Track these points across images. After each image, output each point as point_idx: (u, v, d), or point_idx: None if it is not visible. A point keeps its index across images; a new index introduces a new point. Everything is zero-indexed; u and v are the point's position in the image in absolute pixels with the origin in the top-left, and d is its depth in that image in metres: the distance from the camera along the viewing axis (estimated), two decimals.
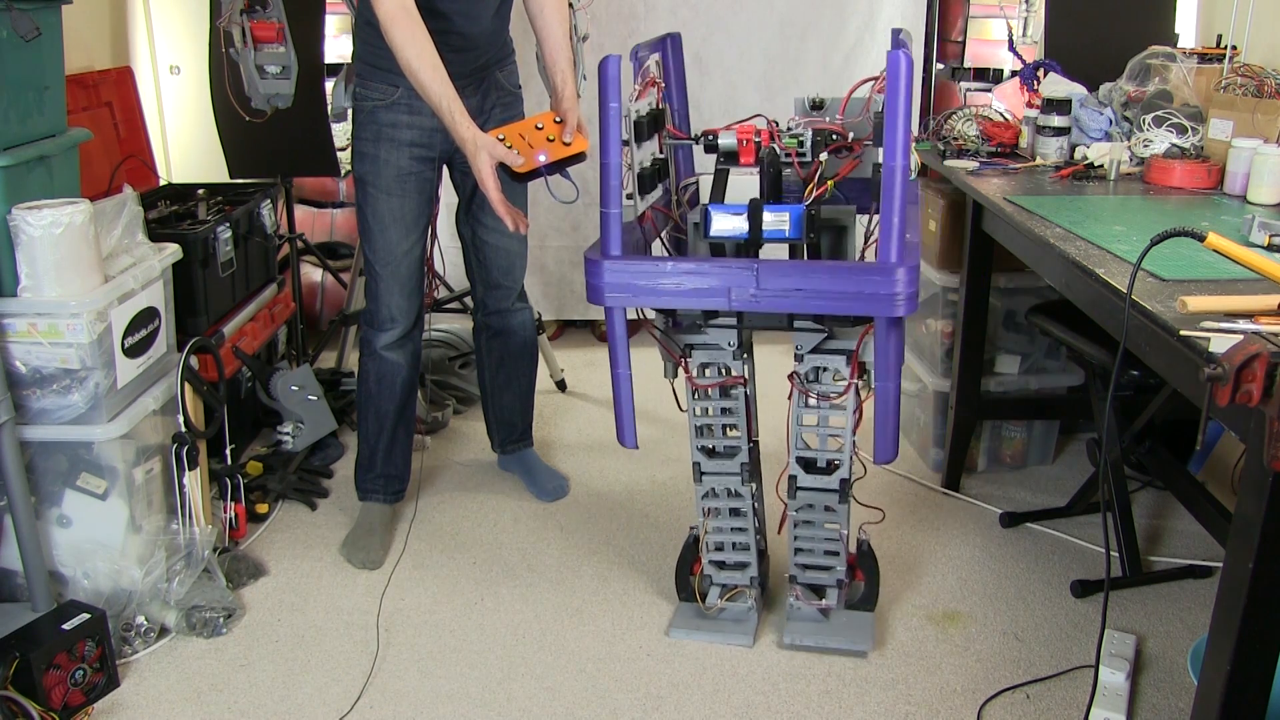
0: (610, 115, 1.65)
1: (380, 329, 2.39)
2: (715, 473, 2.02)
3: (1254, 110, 2.15)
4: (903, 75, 1.52)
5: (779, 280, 1.63)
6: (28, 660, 1.81)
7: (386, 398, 2.45)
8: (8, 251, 1.93)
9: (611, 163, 1.67)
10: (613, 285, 1.69)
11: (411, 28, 1.96)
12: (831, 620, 2.11)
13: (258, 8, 2.73)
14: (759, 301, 1.64)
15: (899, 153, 1.55)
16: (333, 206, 4.02)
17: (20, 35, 1.91)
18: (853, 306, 1.63)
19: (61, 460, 2.07)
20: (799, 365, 1.89)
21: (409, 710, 1.93)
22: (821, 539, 2.02)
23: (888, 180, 1.56)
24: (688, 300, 1.68)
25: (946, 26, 3.57)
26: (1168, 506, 2.64)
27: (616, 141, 1.67)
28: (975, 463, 2.87)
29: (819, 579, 2.09)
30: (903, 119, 1.54)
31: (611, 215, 1.68)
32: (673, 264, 1.66)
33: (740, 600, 2.15)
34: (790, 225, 1.71)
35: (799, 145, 1.85)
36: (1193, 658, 1.92)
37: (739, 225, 1.73)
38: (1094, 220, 1.91)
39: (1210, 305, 1.37)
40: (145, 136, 3.18)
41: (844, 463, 1.94)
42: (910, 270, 1.58)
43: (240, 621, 2.19)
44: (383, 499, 2.54)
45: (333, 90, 2.84)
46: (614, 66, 1.65)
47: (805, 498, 1.97)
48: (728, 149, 1.89)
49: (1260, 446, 1.19)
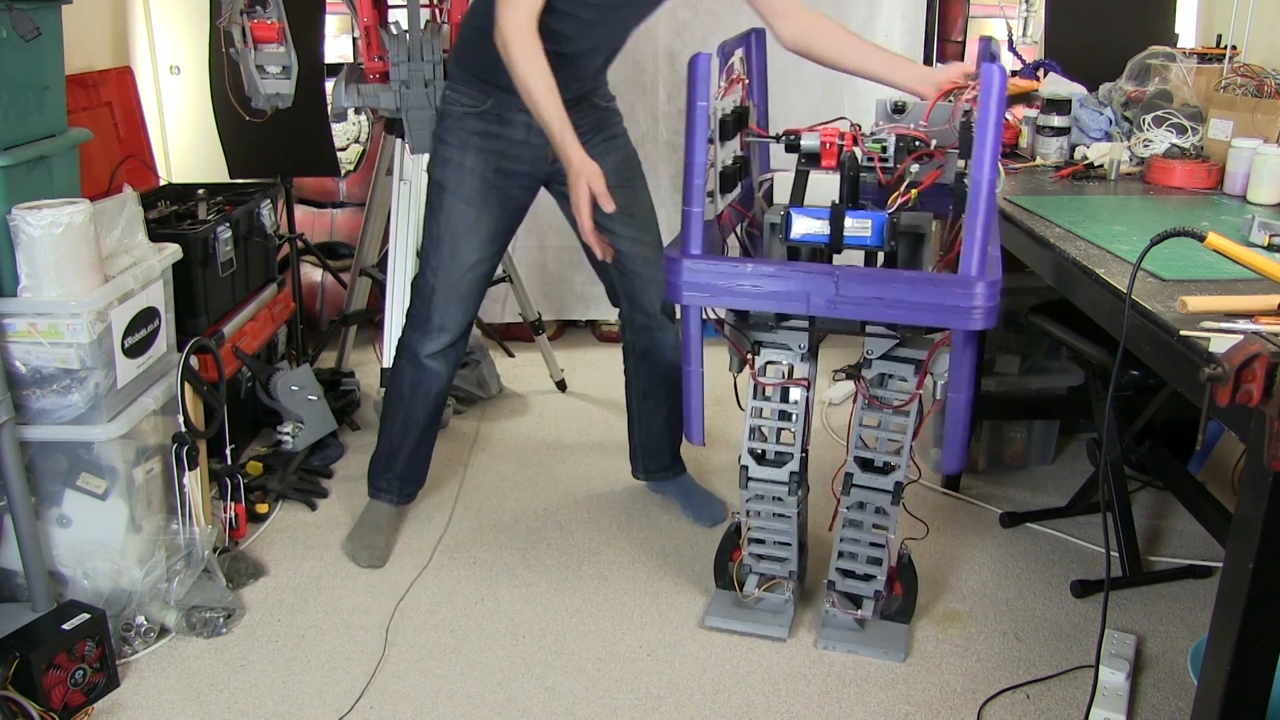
0: (698, 114, 1.63)
1: (427, 336, 2.31)
2: (763, 479, 2.00)
3: (1254, 110, 2.15)
4: (995, 89, 1.49)
5: (859, 288, 1.60)
6: (28, 660, 1.81)
7: (419, 405, 2.39)
8: (8, 251, 1.93)
9: (696, 161, 1.64)
10: (691, 284, 1.67)
11: (533, 46, 1.92)
12: (867, 630, 2.11)
13: (258, 8, 2.73)
14: (837, 308, 1.62)
15: (986, 166, 1.51)
16: (333, 206, 4.02)
17: (20, 35, 1.91)
18: (931, 318, 1.61)
19: (61, 460, 2.07)
20: (866, 370, 1.90)
21: (409, 710, 1.93)
22: (867, 543, 2.02)
23: (974, 193, 1.53)
24: (765, 303, 1.66)
25: (946, 26, 3.57)
26: (1168, 506, 2.64)
27: (703, 140, 1.64)
28: (975, 463, 2.86)
29: (858, 589, 2.08)
30: (993, 132, 1.51)
31: (694, 214, 1.66)
32: (753, 266, 1.65)
33: (778, 592, 2.15)
34: (872, 232, 1.70)
35: (882, 150, 1.84)
36: (1193, 658, 1.92)
37: (820, 229, 1.71)
38: (1094, 220, 1.91)
39: (1210, 305, 1.37)
40: (145, 136, 3.18)
41: (901, 466, 1.94)
42: (991, 285, 1.55)
43: (240, 621, 2.19)
44: (394, 500, 2.51)
45: (333, 90, 2.84)
46: (705, 64, 1.62)
47: (858, 495, 1.97)
48: (809, 150, 1.87)
49: (1260, 446, 1.19)
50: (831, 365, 3.48)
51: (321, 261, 3.63)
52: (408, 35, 2.70)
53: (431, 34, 2.72)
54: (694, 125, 1.64)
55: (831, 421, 3.20)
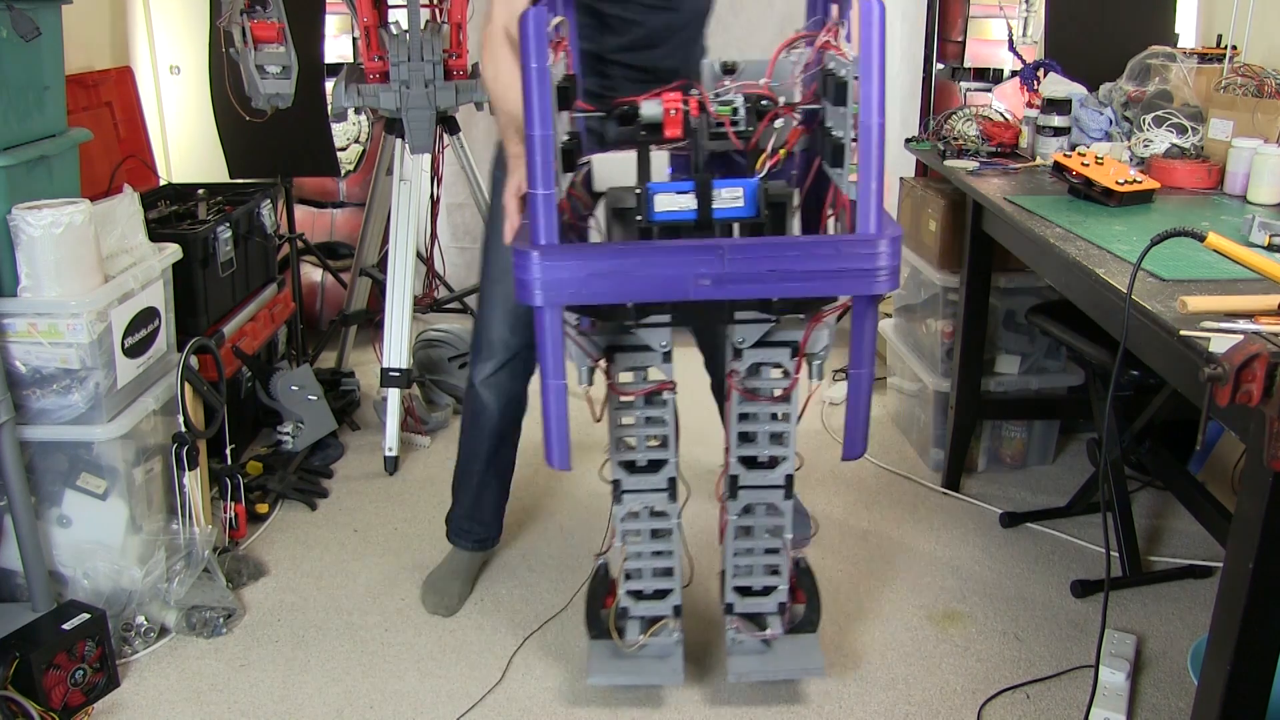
0: (534, 77, 1.39)
1: (478, 358, 2.16)
2: (639, 489, 1.79)
3: (1254, 110, 2.15)
4: (876, 24, 1.35)
5: (750, 262, 1.41)
6: (28, 660, 1.81)
7: (476, 439, 2.24)
8: (8, 251, 1.93)
9: (538, 135, 1.40)
10: (549, 281, 1.42)
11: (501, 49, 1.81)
12: (775, 648, 1.91)
13: (258, 8, 2.73)
14: (726, 288, 1.42)
15: (875, 110, 1.37)
16: (333, 206, 4.02)
17: (20, 35, 1.91)
18: (831, 286, 1.45)
19: (61, 460, 2.07)
20: (737, 362, 1.71)
21: (409, 710, 1.93)
22: (762, 551, 1.85)
23: (864, 140, 1.39)
24: (644, 292, 1.44)
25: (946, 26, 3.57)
26: (1168, 506, 2.64)
27: (546, 109, 1.40)
28: (975, 463, 2.87)
29: (759, 605, 1.90)
30: (878, 71, 1.36)
31: (541, 198, 1.42)
32: (623, 249, 1.44)
33: (664, 634, 1.89)
34: (745, 201, 1.53)
35: (733, 113, 1.62)
36: (1193, 658, 1.92)
37: (687, 204, 1.53)
38: (1094, 220, 1.91)
39: (1210, 305, 1.37)
40: (145, 136, 3.18)
41: (788, 458, 1.77)
42: (894, 242, 1.42)
43: (240, 621, 2.19)
44: (465, 545, 2.33)
45: (333, 90, 2.84)
46: (538, 19, 1.38)
47: (746, 498, 1.80)
48: (651, 120, 1.62)
49: (1260, 446, 1.19)
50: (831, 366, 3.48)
51: (321, 261, 3.63)
52: (408, 35, 2.70)
53: (431, 34, 2.72)
54: (531, 91, 1.40)
55: (831, 422, 3.20)
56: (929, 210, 2.81)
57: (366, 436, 3.07)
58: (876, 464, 2.91)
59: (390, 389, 2.84)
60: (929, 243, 2.82)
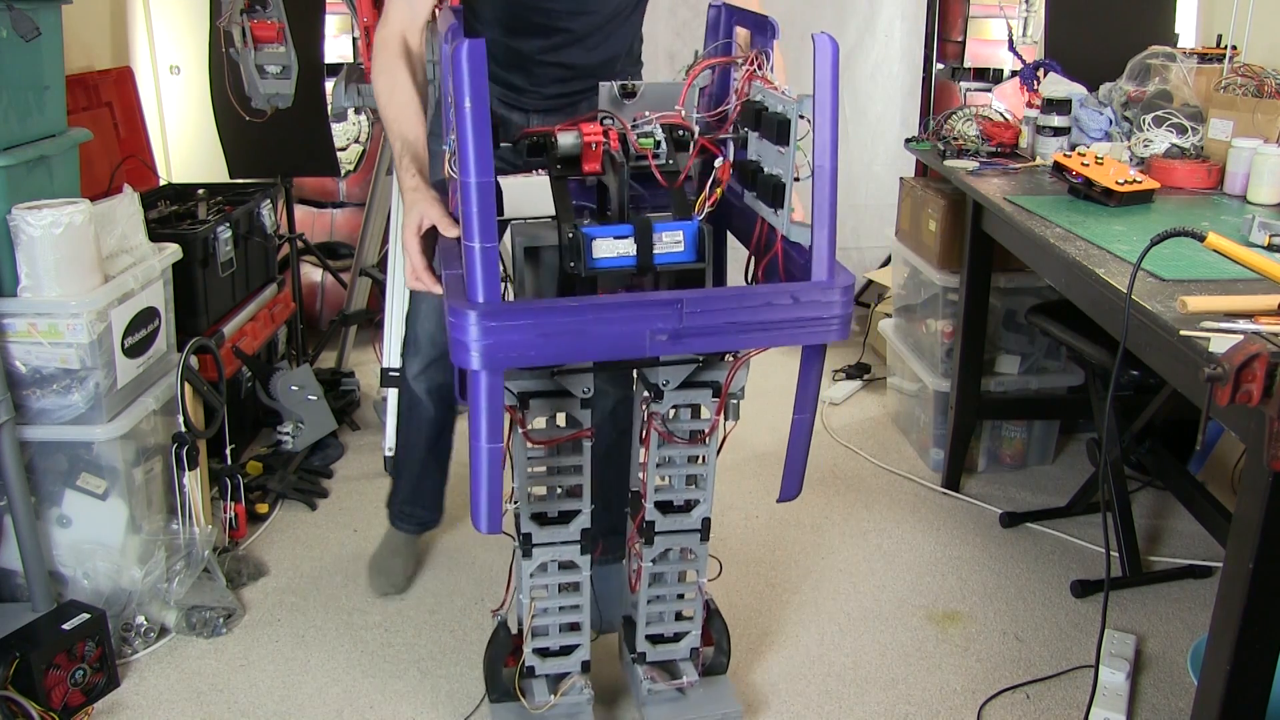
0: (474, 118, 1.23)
1: (408, 356, 2.19)
2: (550, 542, 1.67)
3: (1254, 110, 2.15)
4: (829, 60, 1.29)
5: (709, 316, 1.31)
6: (28, 660, 1.81)
7: (415, 429, 2.27)
8: (8, 251, 1.93)
9: (477, 182, 1.24)
10: (494, 344, 1.26)
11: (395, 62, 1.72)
12: (690, 695, 1.84)
13: (258, 8, 2.73)
14: (683, 343, 1.32)
15: (829, 152, 1.31)
16: (333, 206, 4.02)
17: (20, 35, 1.91)
18: (788, 337, 1.37)
19: (61, 460, 2.07)
20: (657, 404, 1.61)
21: (409, 710, 1.93)
22: (674, 596, 1.80)
23: (819, 185, 1.33)
24: (597, 351, 1.32)
25: (946, 26, 3.57)
26: (1168, 506, 2.64)
27: (486, 154, 1.24)
28: (975, 463, 2.87)
29: (671, 653, 1.82)
30: (830, 111, 1.30)
31: (481, 251, 1.26)
32: (575, 307, 1.29)
33: (573, 691, 1.79)
34: (685, 245, 1.43)
35: (656, 145, 1.51)
36: (1193, 658, 1.92)
37: (626, 249, 1.42)
38: (1094, 220, 1.91)
39: (1210, 305, 1.37)
40: (145, 136, 3.18)
41: (704, 500, 1.70)
42: (846, 290, 1.36)
43: (240, 621, 2.19)
44: (407, 529, 2.39)
45: (333, 90, 2.84)
46: (476, 52, 1.21)
47: (663, 543, 1.72)
48: (568, 153, 1.49)
49: (1260, 446, 1.19)
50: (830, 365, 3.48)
51: (321, 261, 3.63)
52: None
53: (431, 34, 2.72)
54: (466, 133, 1.23)
55: (831, 422, 3.20)
56: (929, 210, 2.81)
57: (366, 436, 3.07)
58: (876, 464, 2.91)
59: (390, 389, 2.83)
60: (929, 243, 2.82)
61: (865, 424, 3.20)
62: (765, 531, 2.55)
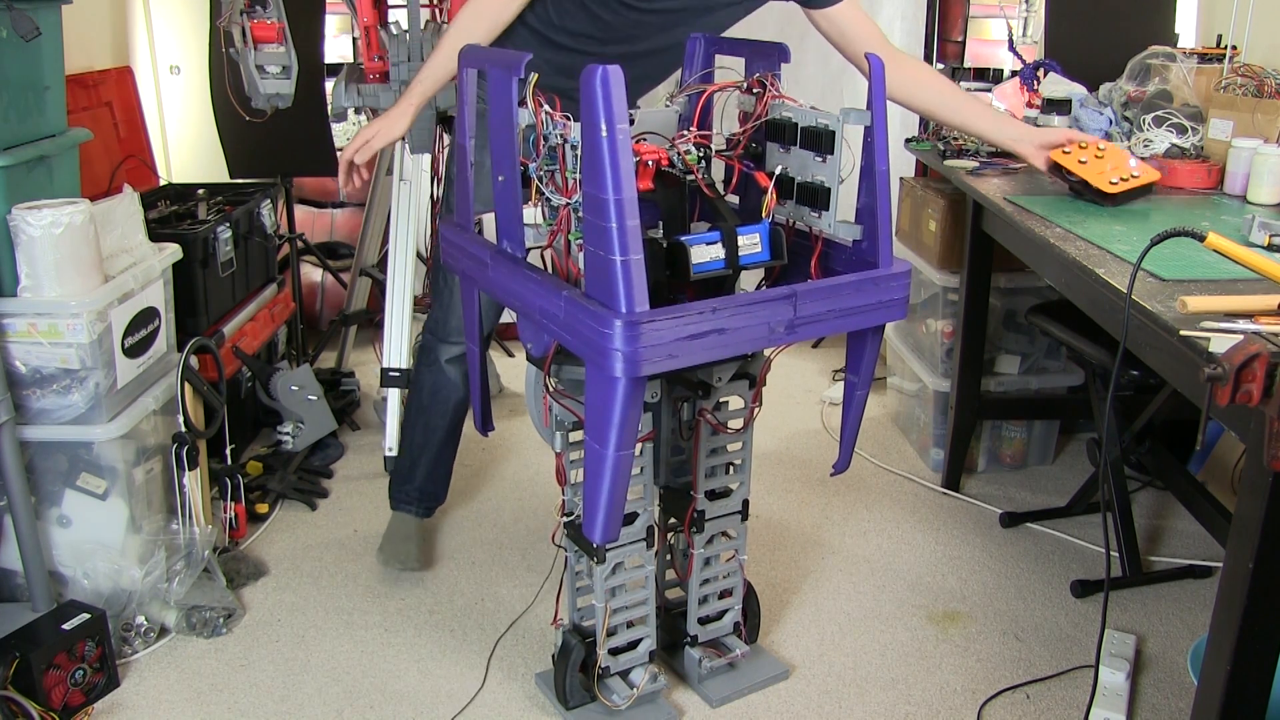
0: (618, 139, 1.33)
1: (445, 340, 2.25)
2: (620, 544, 1.80)
3: (1254, 110, 2.15)
4: (881, 77, 1.52)
5: (815, 305, 1.49)
6: (28, 660, 1.81)
7: (439, 414, 2.31)
8: (8, 251, 1.93)
9: (628, 197, 1.34)
10: (650, 348, 1.35)
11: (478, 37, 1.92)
12: (739, 665, 1.99)
13: (258, 8, 2.73)
14: (794, 332, 1.49)
15: (885, 156, 1.53)
16: (333, 206, 4.02)
17: (20, 35, 1.91)
18: (870, 318, 1.57)
19: (61, 460, 2.07)
20: (705, 400, 1.78)
21: (409, 710, 1.93)
22: (720, 576, 1.94)
23: (881, 186, 1.54)
24: (730, 347, 1.45)
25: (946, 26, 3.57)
26: (1168, 506, 2.64)
27: (629, 170, 1.34)
28: (975, 463, 2.87)
29: (717, 630, 1.97)
30: (880, 121, 1.52)
31: (633, 263, 1.35)
32: (715, 307, 1.41)
33: (649, 682, 1.89)
34: (762, 246, 1.58)
35: (699, 160, 1.65)
36: (1193, 658, 1.92)
37: (718, 254, 1.55)
38: (1094, 220, 1.91)
39: (1210, 305, 1.37)
40: (145, 136, 3.19)
41: (745, 481, 1.90)
42: (908, 275, 1.58)
43: (240, 621, 2.19)
44: (415, 512, 2.41)
45: (333, 90, 2.84)
46: (614, 78, 1.32)
47: (711, 528, 1.88)
48: None
49: (1260, 446, 1.19)
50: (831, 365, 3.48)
51: (321, 261, 3.63)
52: (408, 35, 2.70)
53: (431, 34, 2.72)
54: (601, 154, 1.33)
55: (831, 422, 3.20)
56: (929, 210, 2.81)
57: (366, 436, 3.07)
58: (876, 464, 2.92)
59: (390, 389, 2.83)
60: (929, 243, 2.83)
61: (865, 424, 3.17)
62: (765, 531, 2.55)
